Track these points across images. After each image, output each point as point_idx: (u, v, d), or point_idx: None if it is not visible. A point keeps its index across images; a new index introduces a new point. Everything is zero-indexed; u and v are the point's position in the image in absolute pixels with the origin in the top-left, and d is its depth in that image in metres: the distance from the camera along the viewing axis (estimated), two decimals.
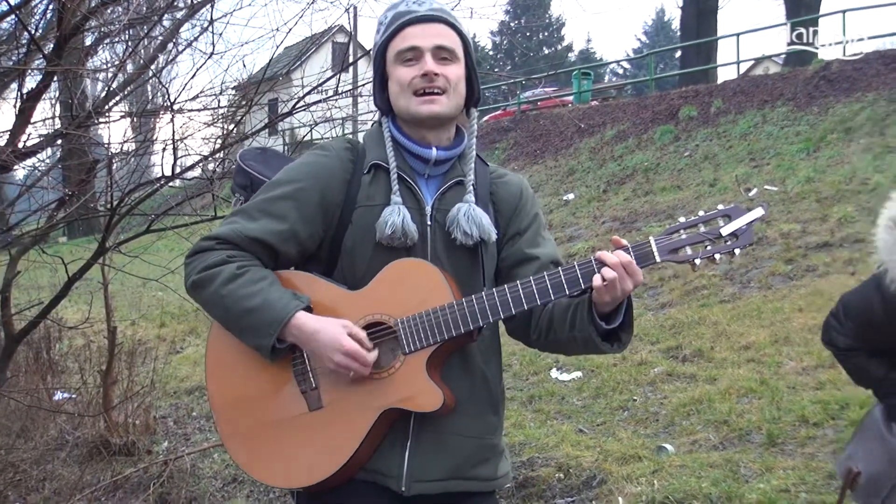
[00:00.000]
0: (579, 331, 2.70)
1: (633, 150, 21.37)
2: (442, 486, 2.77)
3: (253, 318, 2.63)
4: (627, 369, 8.91)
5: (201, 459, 7.72)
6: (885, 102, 17.83)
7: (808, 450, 6.34)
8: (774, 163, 17.14)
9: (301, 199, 2.75)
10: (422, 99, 2.76)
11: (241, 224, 2.73)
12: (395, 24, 2.79)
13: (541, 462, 6.51)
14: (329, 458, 2.69)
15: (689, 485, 5.54)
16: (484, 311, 2.66)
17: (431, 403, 2.67)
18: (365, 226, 2.75)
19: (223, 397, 2.83)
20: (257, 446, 2.77)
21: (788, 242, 12.45)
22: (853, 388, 7.15)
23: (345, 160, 2.82)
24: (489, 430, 2.88)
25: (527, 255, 2.89)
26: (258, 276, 2.68)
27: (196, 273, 2.70)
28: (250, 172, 3.07)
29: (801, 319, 9.47)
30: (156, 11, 6.19)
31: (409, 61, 2.76)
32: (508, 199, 2.95)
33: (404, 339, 2.67)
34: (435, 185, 2.86)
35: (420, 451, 2.75)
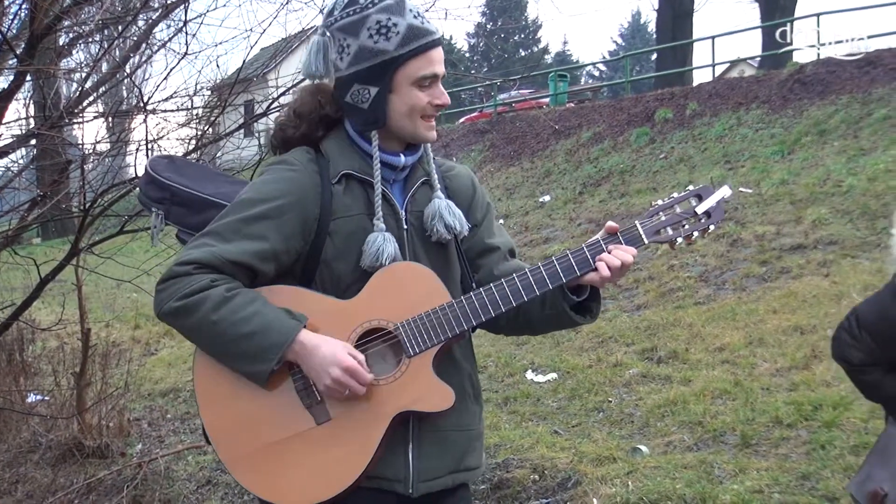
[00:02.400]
0: (551, 307, 2.78)
1: (609, 152, 21.43)
2: (443, 482, 2.82)
3: (251, 343, 2.58)
4: (602, 371, 8.93)
5: (175, 462, 7.68)
6: (859, 105, 17.95)
7: (782, 451, 6.36)
8: (749, 165, 17.22)
9: (278, 217, 2.69)
10: (428, 125, 2.80)
11: (218, 247, 2.63)
12: (419, 42, 2.71)
13: (516, 463, 6.51)
14: (346, 468, 2.67)
15: (663, 486, 5.56)
16: (485, 306, 2.70)
17: (444, 402, 2.70)
18: (346, 236, 2.75)
19: (222, 423, 2.76)
20: (267, 467, 2.72)
21: (763, 244, 12.51)
22: (826, 389, 7.24)
23: (312, 172, 2.77)
24: (475, 419, 2.96)
25: (487, 246, 2.96)
26: (250, 299, 2.62)
27: (176, 300, 2.59)
28: (169, 184, 2.97)
29: (775, 321, 9.51)
30: (130, 12, 6.16)
31: (426, 86, 2.75)
32: (463, 192, 2.98)
33: (407, 342, 2.68)
34: (399, 188, 2.87)
35: (423, 452, 2.78)
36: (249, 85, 6.43)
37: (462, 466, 2.86)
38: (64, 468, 7.56)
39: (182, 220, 2.97)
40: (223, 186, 3.01)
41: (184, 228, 2.97)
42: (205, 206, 2.92)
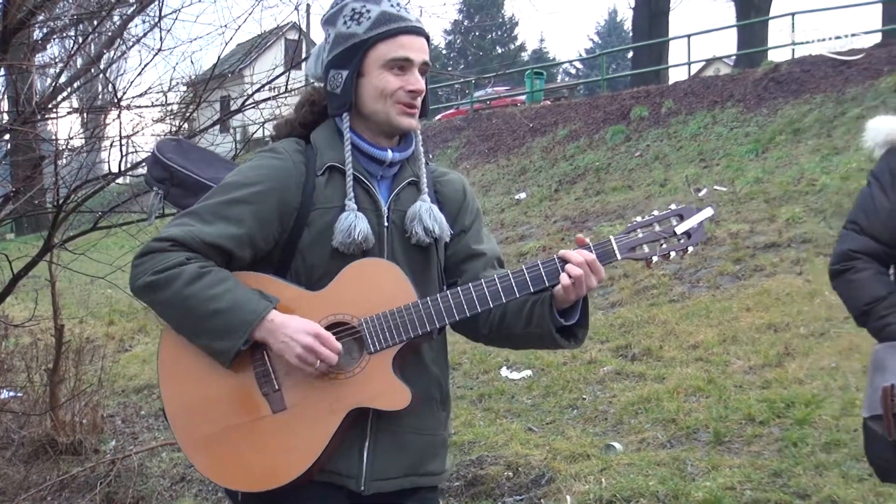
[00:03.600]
0: (537, 326, 2.75)
1: (585, 149, 21.47)
2: (398, 483, 2.79)
3: (221, 319, 2.59)
4: (577, 368, 8.95)
5: (149, 458, 7.66)
6: (832, 104, 18.05)
7: (755, 448, 6.40)
8: (724, 163, 17.29)
9: (258, 203, 2.71)
10: (403, 110, 2.79)
11: (197, 227, 2.66)
12: (388, 27, 2.75)
13: (490, 460, 6.53)
14: (296, 459, 2.67)
15: (636, 483, 5.58)
16: (450, 309, 2.69)
17: (401, 401, 2.69)
18: (322, 228, 2.75)
19: (180, 402, 2.77)
20: (219, 451, 2.72)
21: (737, 242, 12.55)
22: (799, 386, 7.29)
23: (297, 162, 2.79)
24: (440, 425, 2.94)
25: (473, 252, 2.93)
26: (223, 277, 2.63)
27: (150, 274, 2.62)
28: (171, 165, 3.00)
29: (749, 319, 9.56)
30: (105, 7, 6.14)
31: (398, 70, 2.75)
32: (454, 197, 2.97)
33: (369, 339, 2.67)
34: (386, 186, 2.87)
35: (379, 451, 2.76)
36: (224, 81, 6.43)
37: (421, 471, 2.84)
38: (37, 465, 7.52)
39: (179, 201, 2.99)
40: (221, 172, 3.00)
41: (180, 209, 2.96)
42: (200, 188, 2.93)
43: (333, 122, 2.87)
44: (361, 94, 2.78)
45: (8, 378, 8.96)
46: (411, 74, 2.77)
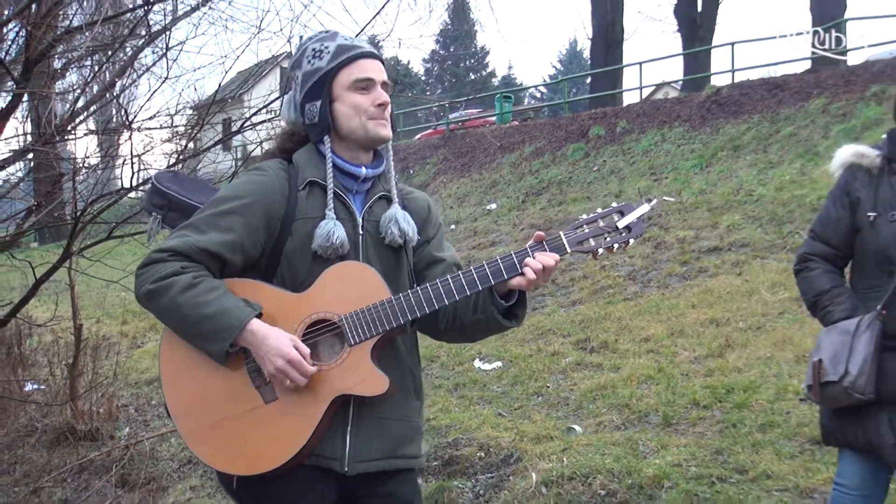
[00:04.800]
0: (482, 312, 2.79)
1: (549, 165, 21.48)
2: (379, 464, 2.81)
3: (209, 324, 2.62)
4: (542, 359, 8.97)
5: (159, 443, 7.64)
6: (768, 124, 18.15)
7: (699, 429, 6.43)
8: (672, 176, 17.33)
9: (246, 213, 2.74)
10: (377, 122, 2.84)
11: (192, 237, 2.70)
12: (347, 54, 2.83)
13: (464, 442, 6.54)
14: (287, 443, 2.69)
15: (594, 461, 5.60)
16: (420, 302, 2.72)
17: (379, 387, 2.71)
18: (304, 236, 2.78)
19: (180, 399, 2.80)
20: (218, 440, 2.74)
21: (683, 247, 12.60)
22: (738, 374, 7.34)
23: (281, 178, 2.83)
24: (415, 413, 2.95)
25: (435, 258, 2.98)
26: (213, 286, 2.66)
27: (150, 283, 2.66)
28: (168, 193, 3.04)
29: (694, 315, 9.60)
30: (117, 39, 6.13)
31: (363, 90, 2.82)
32: (419, 212, 3.01)
33: (349, 332, 2.70)
34: (360, 199, 2.91)
35: (360, 435, 2.77)
36: (225, 105, 6.42)
37: (399, 453, 2.86)
38: (58, 450, 7.49)
39: (176, 224, 2.99)
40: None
41: None
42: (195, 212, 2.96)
43: (313, 145, 2.92)
44: (337, 118, 2.84)
45: (32, 372, 8.93)
46: (375, 91, 2.85)
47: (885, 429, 3.45)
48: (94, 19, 5.45)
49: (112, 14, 5.80)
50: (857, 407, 3.49)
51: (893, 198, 3.56)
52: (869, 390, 3.42)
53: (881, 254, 3.53)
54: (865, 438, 3.53)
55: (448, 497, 5.92)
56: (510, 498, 5.46)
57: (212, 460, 2.79)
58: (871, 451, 3.55)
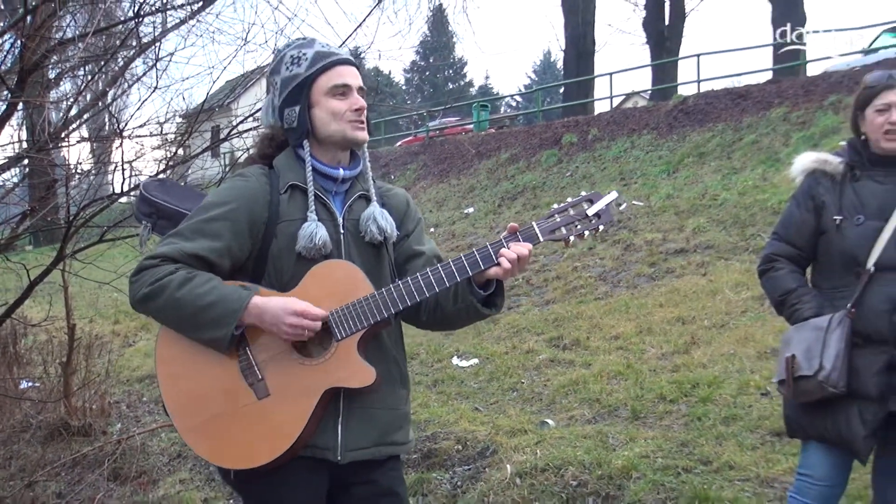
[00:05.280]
0: (462, 302, 2.81)
1: (524, 170, 21.50)
2: (369, 452, 2.83)
3: (212, 311, 2.63)
4: (517, 356, 8.97)
5: (150, 438, 7.60)
6: (731, 131, 18.22)
7: (666, 422, 6.46)
8: (641, 182, 17.37)
9: (232, 218, 2.75)
10: (355, 126, 2.85)
11: (181, 244, 2.71)
12: (325, 61, 2.84)
13: (443, 436, 6.53)
14: (281, 437, 2.70)
15: (566, 453, 5.61)
16: (402, 295, 2.73)
17: (366, 379, 2.72)
18: (288, 237, 2.79)
19: (177, 397, 2.80)
20: (214, 436, 2.75)
21: (652, 249, 12.64)
22: (703, 370, 7.37)
23: (263, 183, 2.84)
24: (402, 401, 2.97)
25: (415, 251, 3.00)
26: (207, 278, 2.68)
27: (146, 287, 2.67)
28: (155, 201, 3.05)
29: (662, 313, 9.64)
30: (109, 50, 6.11)
31: (341, 95, 2.82)
32: (398, 207, 3.03)
33: (336, 328, 2.71)
34: (340, 200, 2.91)
35: (350, 425, 2.79)
36: (213, 113, 6.41)
37: (388, 441, 2.88)
38: (52, 445, 7.44)
39: (166, 232, 2.99)
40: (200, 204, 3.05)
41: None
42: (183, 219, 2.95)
43: (292, 149, 2.91)
44: (315, 123, 2.85)
45: (27, 370, 8.87)
46: (352, 96, 2.86)
47: (856, 422, 3.51)
48: (86, 31, 5.43)
49: (104, 26, 5.77)
50: (828, 401, 3.54)
51: (858, 202, 3.63)
52: (841, 384, 3.47)
53: (848, 255, 3.59)
54: (836, 431, 3.57)
55: (427, 488, 5.93)
56: (486, 489, 5.46)
57: (209, 455, 2.81)
58: (840, 443, 3.60)
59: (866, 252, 3.55)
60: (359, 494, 2.87)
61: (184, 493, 6.40)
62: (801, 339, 3.58)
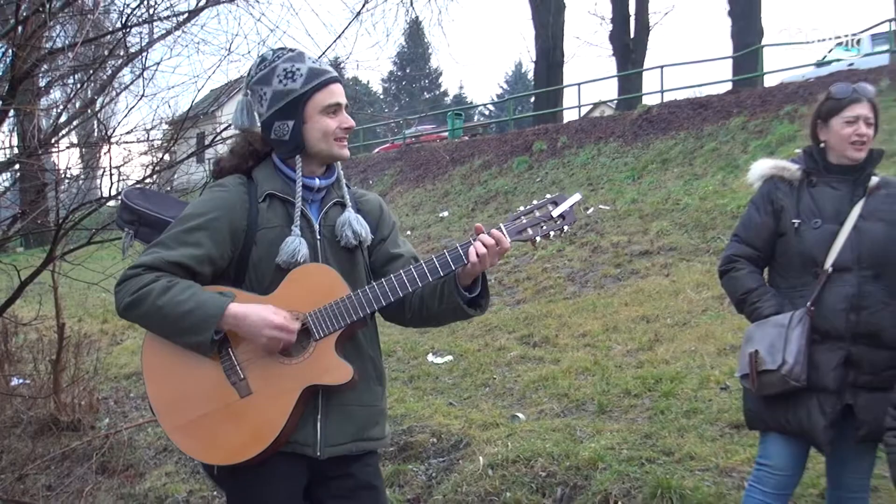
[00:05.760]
0: (448, 302, 2.81)
1: (496, 176, 21.53)
2: (347, 448, 2.83)
3: (191, 318, 2.62)
4: (489, 353, 8.98)
5: (137, 433, 7.55)
6: (693, 139, 18.33)
7: (630, 416, 6.48)
8: (607, 187, 17.45)
9: (212, 227, 2.74)
10: (340, 145, 2.85)
11: (162, 252, 2.70)
12: (320, 79, 2.80)
13: (418, 429, 6.52)
14: (263, 433, 2.70)
15: (535, 445, 5.61)
16: (377, 296, 2.74)
17: (344, 376, 2.73)
18: (268, 244, 2.78)
19: (162, 397, 2.79)
20: (199, 434, 2.74)
21: (617, 251, 12.68)
22: (666, 366, 7.40)
23: (241, 192, 2.82)
24: (378, 398, 2.97)
25: (392, 254, 2.99)
26: (187, 285, 2.67)
27: (129, 295, 2.66)
28: (137, 209, 3.02)
29: (627, 312, 9.67)
30: (97, 59, 6.08)
31: (332, 114, 2.81)
32: (373, 212, 3.03)
33: (314, 328, 2.71)
34: (316, 207, 2.91)
35: (329, 422, 2.79)
36: (198, 121, 6.39)
37: (365, 436, 2.88)
38: (42, 440, 7.38)
39: (147, 239, 3.00)
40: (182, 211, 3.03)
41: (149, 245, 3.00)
42: (165, 226, 2.94)
43: (271, 160, 2.90)
44: (306, 138, 2.82)
45: (17, 368, 8.78)
46: (342, 114, 2.85)
47: (816, 413, 3.56)
48: (75, 41, 5.40)
49: (93, 36, 5.74)
50: (789, 394, 3.59)
51: (814, 207, 3.69)
52: (802, 378, 3.52)
53: (806, 256, 3.65)
54: (797, 423, 3.62)
55: (403, 479, 5.92)
56: (459, 480, 5.46)
57: (194, 452, 2.81)
58: (800, 433, 3.64)
59: (824, 254, 3.61)
60: (337, 487, 2.87)
61: (169, 485, 6.36)
62: (763, 336, 3.62)
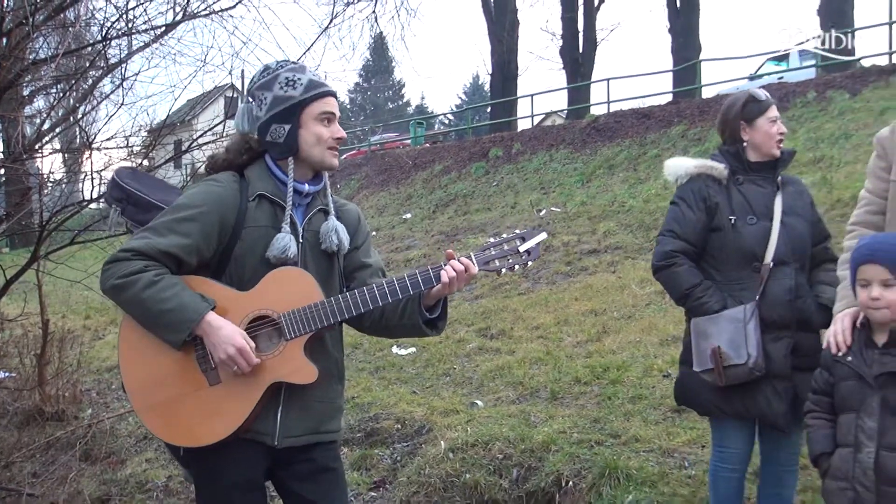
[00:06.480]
0: (408, 319, 2.83)
1: (455, 181, 21.55)
2: (304, 439, 2.83)
3: (170, 317, 2.61)
4: (450, 345, 8.97)
5: (119, 422, 7.46)
6: (637, 147, 18.49)
7: (580, 402, 6.51)
8: (558, 191, 17.53)
9: (202, 220, 2.71)
10: (333, 153, 2.86)
11: (153, 239, 2.67)
12: (318, 90, 2.81)
13: (384, 416, 6.52)
14: (228, 421, 2.69)
15: (493, 430, 5.62)
16: (349, 306, 2.74)
17: (310, 377, 2.73)
18: (253, 241, 2.77)
19: (135, 378, 2.77)
20: (168, 416, 2.73)
21: (568, 249, 12.74)
22: (613, 356, 7.44)
23: (234, 190, 2.80)
24: (337, 395, 2.98)
25: (363, 263, 3.00)
26: (172, 283, 2.64)
27: (116, 278, 2.63)
28: (126, 187, 2.99)
29: (577, 306, 9.71)
30: (79, 70, 6.02)
31: (326, 122, 2.81)
32: (352, 222, 3.01)
33: (287, 329, 2.70)
34: (301, 212, 2.89)
35: (289, 415, 2.79)
36: (175, 128, 6.35)
37: (322, 429, 2.88)
38: (28, 430, 7.26)
39: (133, 217, 2.99)
40: (169, 195, 3.03)
41: (134, 223, 2.99)
42: (150, 207, 2.94)
43: (264, 161, 2.88)
44: (300, 143, 2.80)
45: (3, 362, 8.64)
46: (335, 125, 2.85)
47: (775, 399, 3.59)
48: (58, 52, 5.34)
49: (74, 48, 5.69)
50: (747, 383, 3.61)
51: (746, 204, 3.71)
52: (762, 367, 3.56)
53: (746, 251, 3.67)
54: (757, 409, 3.65)
55: (370, 463, 5.92)
56: (422, 463, 5.46)
57: (161, 433, 2.79)
58: (760, 418, 3.70)
59: (763, 248, 3.64)
60: (298, 471, 2.87)
61: (149, 471, 6.30)
62: (720, 331, 3.61)
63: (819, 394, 3.04)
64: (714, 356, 3.59)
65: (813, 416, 3.04)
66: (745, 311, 3.59)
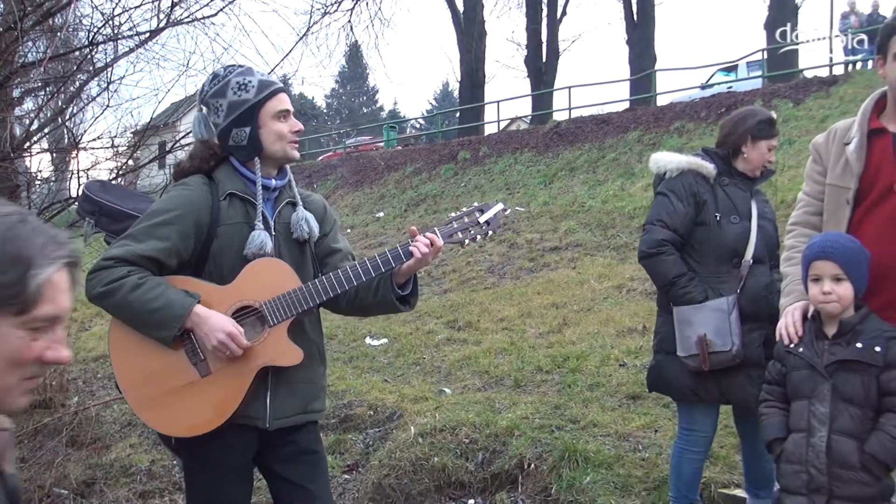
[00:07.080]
0: (382, 297, 2.84)
1: (426, 181, 21.53)
2: (293, 420, 2.83)
3: (158, 315, 2.59)
4: (420, 336, 8.97)
5: (104, 410, 7.39)
6: (596, 150, 18.57)
7: (542, 389, 6.54)
8: (523, 191, 17.56)
9: (179, 223, 2.70)
10: (293, 146, 2.86)
11: (133, 245, 2.65)
12: (270, 89, 2.80)
13: (357, 403, 6.51)
14: (221, 409, 2.69)
15: (460, 416, 5.63)
16: (325, 288, 2.74)
17: (295, 358, 2.74)
18: (228, 237, 2.76)
19: (129, 376, 2.75)
20: (162, 409, 2.71)
21: (531, 246, 12.78)
22: (573, 346, 7.48)
23: (205, 191, 2.79)
24: (320, 376, 2.98)
25: (332, 248, 3.00)
26: (156, 283, 2.63)
27: (102, 286, 2.61)
28: (97, 200, 2.97)
29: (539, 300, 9.75)
30: (67, 73, 5.96)
31: (283, 119, 2.80)
32: (318, 211, 3.01)
33: (269, 315, 2.70)
34: (270, 206, 2.89)
35: (278, 398, 2.79)
36: (159, 129, 6.30)
37: (308, 409, 2.89)
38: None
39: (107, 228, 2.97)
40: (139, 203, 3.02)
41: (109, 234, 2.97)
42: (123, 217, 2.93)
43: (230, 163, 2.86)
44: (263, 142, 2.79)
45: None
46: (291, 119, 2.85)
47: (749, 386, 3.64)
48: (46, 56, 5.28)
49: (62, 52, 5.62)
50: (723, 370, 3.69)
51: (730, 204, 3.78)
52: (742, 355, 3.65)
53: (728, 248, 3.74)
54: (732, 394, 3.74)
55: (344, 447, 5.91)
56: (393, 447, 5.46)
57: (156, 425, 2.78)
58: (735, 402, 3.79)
59: (743, 247, 3.73)
60: (283, 453, 2.87)
61: (133, 455, 6.25)
62: (704, 320, 3.66)
63: (772, 384, 3.09)
64: (700, 343, 3.65)
65: (767, 405, 3.09)
66: (727, 303, 3.66)
